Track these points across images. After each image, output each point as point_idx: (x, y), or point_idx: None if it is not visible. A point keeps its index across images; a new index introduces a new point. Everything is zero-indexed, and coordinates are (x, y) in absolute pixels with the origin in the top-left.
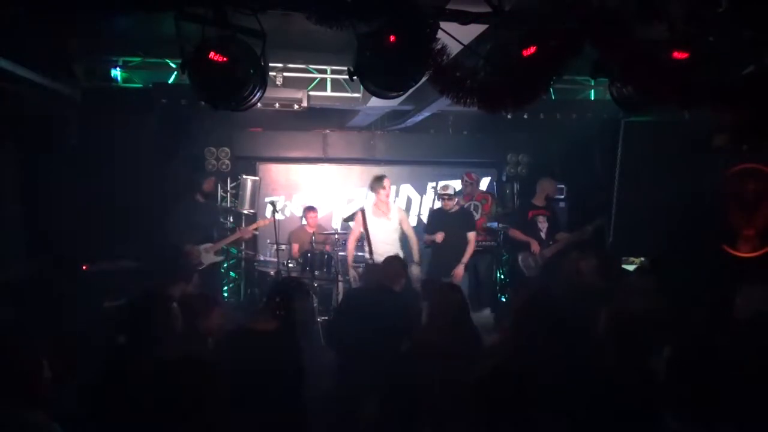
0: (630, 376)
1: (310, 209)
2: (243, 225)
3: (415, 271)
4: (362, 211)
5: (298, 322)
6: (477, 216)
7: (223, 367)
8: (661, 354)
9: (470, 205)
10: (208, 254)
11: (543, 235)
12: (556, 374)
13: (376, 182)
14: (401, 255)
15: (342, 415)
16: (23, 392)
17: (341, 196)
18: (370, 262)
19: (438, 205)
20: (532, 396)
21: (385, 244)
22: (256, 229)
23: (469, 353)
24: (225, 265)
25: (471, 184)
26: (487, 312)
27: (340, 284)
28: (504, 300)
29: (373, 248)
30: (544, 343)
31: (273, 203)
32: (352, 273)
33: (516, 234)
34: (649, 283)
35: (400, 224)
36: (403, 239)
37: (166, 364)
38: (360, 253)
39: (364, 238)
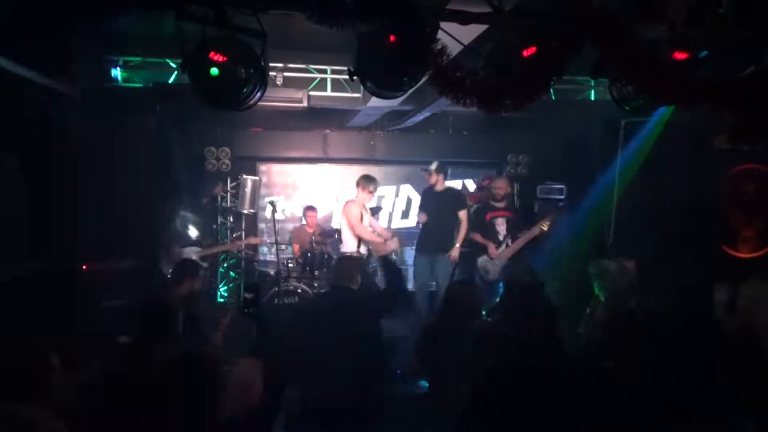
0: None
1: (309, 209)
2: (243, 225)
3: None
4: (361, 205)
5: None
6: None
7: None
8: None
9: (479, 207)
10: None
11: (501, 237)
12: (550, 374)
13: (369, 181)
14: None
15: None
16: (31, 390)
17: (341, 196)
18: (357, 254)
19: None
20: (528, 398)
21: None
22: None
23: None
24: (225, 264)
25: (486, 188)
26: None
27: None
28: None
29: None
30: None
31: (273, 203)
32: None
33: (476, 237)
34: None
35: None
36: None
37: (172, 363)
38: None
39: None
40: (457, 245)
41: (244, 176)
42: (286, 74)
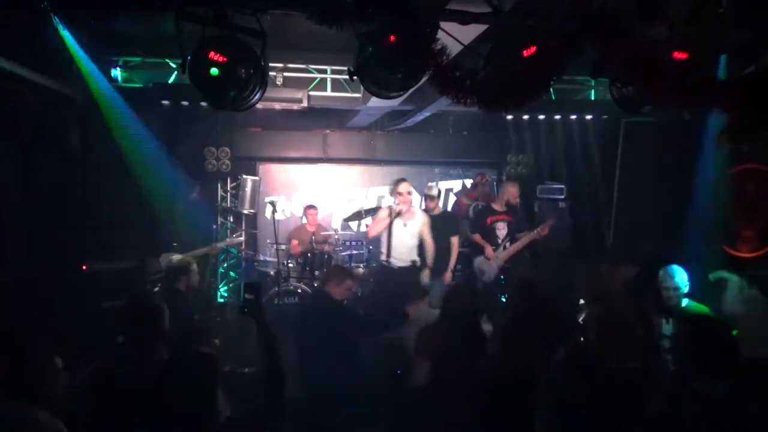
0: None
1: (310, 207)
2: (243, 225)
3: (425, 275)
4: (390, 208)
5: None
6: None
7: None
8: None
9: (477, 204)
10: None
11: (500, 241)
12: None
13: (395, 185)
14: (416, 260)
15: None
16: (31, 390)
17: (341, 196)
18: (384, 263)
19: (423, 206)
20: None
21: (401, 247)
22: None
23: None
24: (225, 264)
25: (482, 185)
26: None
27: None
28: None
29: (391, 251)
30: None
31: (273, 203)
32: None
33: (476, 238)
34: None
35: (421, 230)
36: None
37: (171, 362)
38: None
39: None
40: (449, 269)
41: (244, 176)
42: (286, 74)
